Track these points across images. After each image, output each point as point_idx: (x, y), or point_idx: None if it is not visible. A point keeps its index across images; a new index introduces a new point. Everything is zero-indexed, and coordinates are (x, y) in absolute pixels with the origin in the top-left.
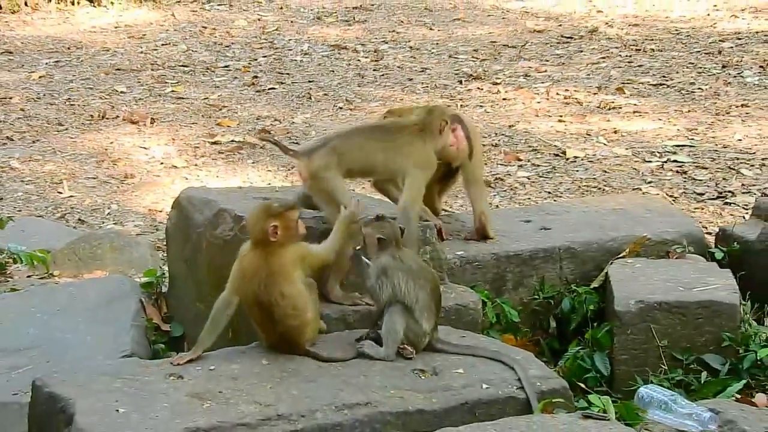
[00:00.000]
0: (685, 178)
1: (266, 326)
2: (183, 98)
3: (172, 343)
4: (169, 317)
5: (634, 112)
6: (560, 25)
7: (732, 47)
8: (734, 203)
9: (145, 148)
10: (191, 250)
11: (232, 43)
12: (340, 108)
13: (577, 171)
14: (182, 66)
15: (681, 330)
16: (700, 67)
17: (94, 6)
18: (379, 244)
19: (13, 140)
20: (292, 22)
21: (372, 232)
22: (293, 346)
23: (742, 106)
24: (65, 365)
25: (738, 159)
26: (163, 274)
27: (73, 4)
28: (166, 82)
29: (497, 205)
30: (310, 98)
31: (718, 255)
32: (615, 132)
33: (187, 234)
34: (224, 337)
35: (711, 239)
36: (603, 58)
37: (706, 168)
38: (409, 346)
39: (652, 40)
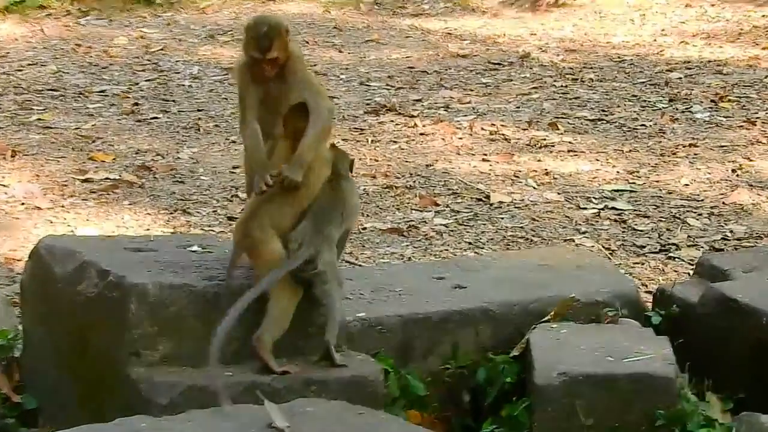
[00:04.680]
0: (624, 228)
1: None
2: (51, 128)
3: (25, 418)
4: (22, 387)
5: (569, 150)
6: (487, 50)
7: (681, 78)
8: (679, 258)
9: (3, 185)
10: (50, 309)
11: (111, 65)
12: (233, 142)
13: (502, 218)
14: (51, 90)
15: (609, 406)
16: (645, 101)
17: None
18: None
19: None
20: (180, 40)
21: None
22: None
23: (690, 145)
24: None
25: (684, 207)
26: (17, 335)
27: None
28: (31, 109)
29: (409, 258)
30: (198, 130)
31: (655, 319)
32: (546, 174)
33: (46, 290)
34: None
35: (651, 299)
36: (535, 88)
37: (648, 217)
38: None
39: (591, 68)
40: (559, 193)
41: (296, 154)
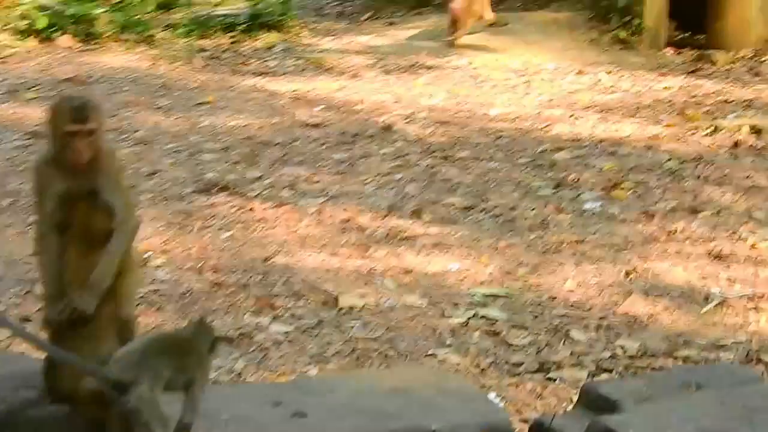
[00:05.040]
0: (496, 341)
1: None
2: None
3: None
4: None
5: (435, 245)
6: (343, 119)
7: (569, 160)
8: (560, 379)
9: None
10: None
11: None
12: (33, 223)
13: (353, 327)
14: None
15: None
16: (526, 186)
17: None
18: None
19: None
20: None
21: None
22: None
23: (577, 242)
24: None
25: (568, 317)
26: None
27: None
28: None
29: (240, 374)
30: None
31: None
32: (407, 273)
33: None
34: None
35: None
36: (397, 167)
37: (526, 328)
38: None
39: (465, 144)
40: (421, 297)
41: (91, 281)
